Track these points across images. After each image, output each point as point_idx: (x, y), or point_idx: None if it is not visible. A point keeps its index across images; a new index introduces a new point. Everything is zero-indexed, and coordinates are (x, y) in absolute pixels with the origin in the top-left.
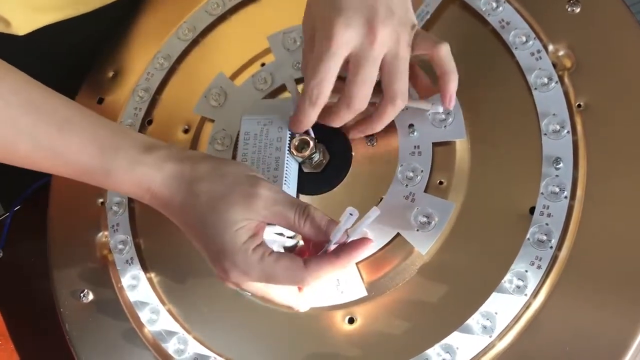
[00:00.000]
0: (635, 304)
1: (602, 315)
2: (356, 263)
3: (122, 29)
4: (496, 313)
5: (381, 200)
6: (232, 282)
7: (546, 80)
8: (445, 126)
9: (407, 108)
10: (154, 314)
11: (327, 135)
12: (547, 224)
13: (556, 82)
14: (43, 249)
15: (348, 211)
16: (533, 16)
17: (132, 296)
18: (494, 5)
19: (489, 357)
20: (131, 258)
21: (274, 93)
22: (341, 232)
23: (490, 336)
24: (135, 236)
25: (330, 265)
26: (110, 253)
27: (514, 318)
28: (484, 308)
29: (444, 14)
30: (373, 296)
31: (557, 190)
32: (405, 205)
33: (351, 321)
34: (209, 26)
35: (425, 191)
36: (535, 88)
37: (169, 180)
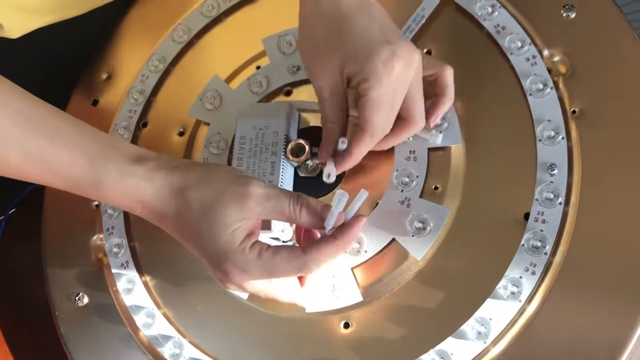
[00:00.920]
0: (629, 310)
1: (596, 320)
2: (351, 268)
3: (117, 31)
4: (491, 319)
5: (377, 205)
6: (235, 284)
7: (541, 86)
8: (440, 132)
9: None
10: (150, 318)
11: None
12: (542, 230)
13: (551, 88)
14: (38, 252)
15: (338, 194)
16: (528, 21)
17: (128, 300)
18: (490, 10)
19: None
20: (126, 261)
21: (270, 96)
22: (334, 217)
23: (484, 342)
24: (130, 239)
25: (329, 247)
26: (105, 256)
27: (509, 324)
28: (479, 314)
29: (440, 19)
30: (368, 301)
31: (552, 196)
32: (400, 210)
33: (347, 326)
34: (204, 28)
35: (420, 196)
36: (530, 94)
37: (161, 191)
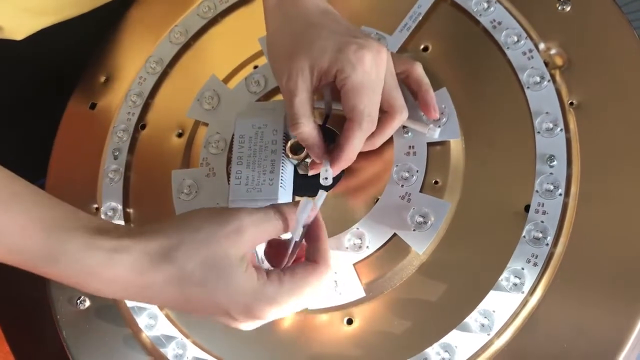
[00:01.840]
0: (631, 299)
1: (599, 310)
2: (354, 264)
3: (114, 33)
4: (494, 311)
5: (377, 200)
6: (265, 319)
7: (538, 79)
8: (439, 126)
9: (405, 127)
10: (152, 319)
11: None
12: (543, 222)
13: (548, 81)
14: None
15: (303, 202)
16: (524, 16)
17: (129, 301)
18: (486, 5)
19: (488, 355)
20: None
21: (268, 95)
22: (300, 224)
23: (488, 334)
24: None
25: (319, 233)
26: None
27: (512, 316)
28: (482, 306)
29: (436, 15)
30: (371, 297)
31: (552, 187)
32: (401, 205)
33: (350, 322)
34: (201, 29)
35: (420, 191)
36: (527, 87)
37: (138, 262)
